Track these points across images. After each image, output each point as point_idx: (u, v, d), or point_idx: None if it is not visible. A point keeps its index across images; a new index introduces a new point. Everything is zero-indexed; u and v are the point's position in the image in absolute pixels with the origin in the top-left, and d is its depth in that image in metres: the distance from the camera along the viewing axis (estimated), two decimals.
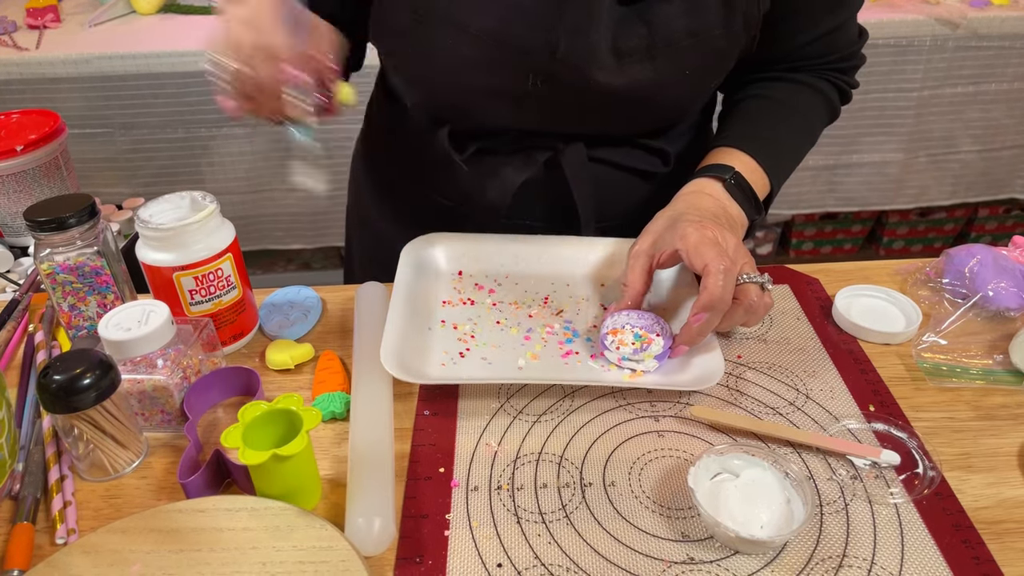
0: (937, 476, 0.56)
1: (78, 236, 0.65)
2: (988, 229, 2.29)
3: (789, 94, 0.78)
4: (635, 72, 0.68)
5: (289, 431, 0.54)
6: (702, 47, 0.68)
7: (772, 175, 0.75)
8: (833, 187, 2.05)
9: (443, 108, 0.76)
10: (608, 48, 0.66)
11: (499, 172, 0.77)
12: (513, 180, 0.77)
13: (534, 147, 0.76)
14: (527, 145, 0.76)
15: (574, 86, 0.69)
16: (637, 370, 0.64)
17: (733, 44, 0.70)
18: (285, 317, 0.73)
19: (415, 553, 0.51)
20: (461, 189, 0.79)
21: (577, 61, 0.67)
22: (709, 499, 0.52)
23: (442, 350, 0.67)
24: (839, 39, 0.77)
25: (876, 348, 0.69)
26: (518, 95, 0.70)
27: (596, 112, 0.73)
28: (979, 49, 1.84)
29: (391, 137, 0.86)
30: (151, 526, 0.51)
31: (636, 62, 0.67)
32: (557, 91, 0.69)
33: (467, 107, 0.74)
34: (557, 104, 0.71)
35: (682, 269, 0.75)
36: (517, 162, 0.77)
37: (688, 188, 0.72)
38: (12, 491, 0.56)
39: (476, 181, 0.78)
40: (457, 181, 0.79)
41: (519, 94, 0.70)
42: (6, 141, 1.02)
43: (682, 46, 0.67)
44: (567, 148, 0.76)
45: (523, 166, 0.77)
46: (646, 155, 0.79)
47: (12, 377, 0.69)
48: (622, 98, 0.70)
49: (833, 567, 0.50)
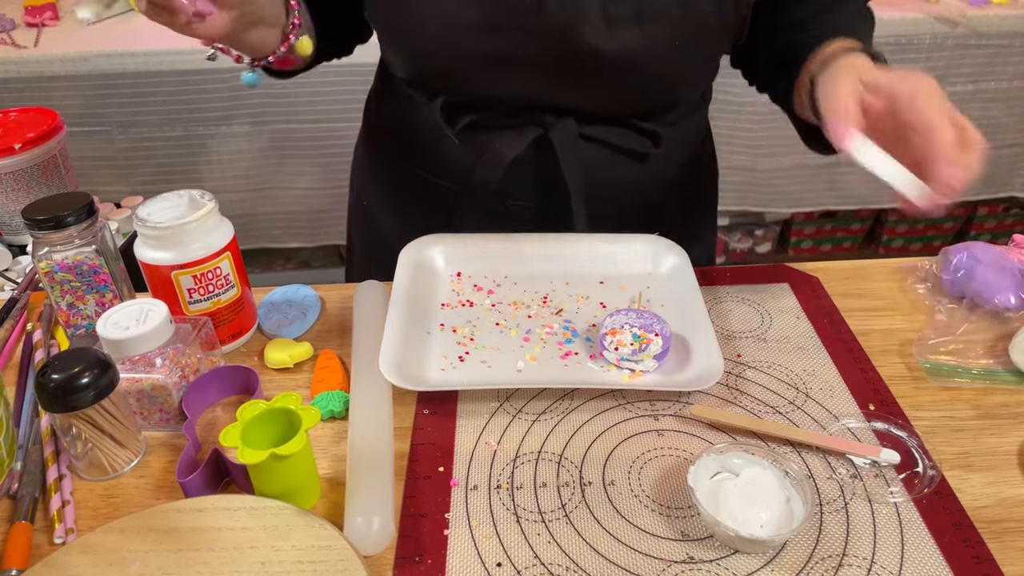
0: (937, 475, 0.56)
1: (76, 235, 0.65)
2: (988, 227, 2.29)
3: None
4: (624, 37, 0.67)
5: (288, 430, 0.54)
6: (691, 19, 0.68)
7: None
8: (833, 185, 2.05)
9: (434, 78, 0.76)
10: (598, 12, 0.66)
11: (491, 147, 0.77)
12: (505, 155, 0.77)
13: (525, 123, 0.76)
14: (518, 120, 0.76)
15: (563, 49, 0.68)
16: (636, 370, 0.64)
17: (723, 22, 0.70)
18: (284, 316, 0.73)
19: (414, 552, 0.51)
20: (455, 166, 0.79)
21: (566, 20, 0.66)
22: (709, 498, 0.52)
23: (441, 354, 0.67)
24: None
25: (876, 347, 0.69)
26: (507, 61, 0.70)
27: (587, 81, 0.72)
28: (979, 47, 1.84)
29: (388, 123, 0.86)
30: (149, 525, 0.51)
31: (625, 27, 0.67)
32: (547, 55, 0.69)
33: (457, 76, 0.74)
34: (547, 71, 0.70)
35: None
36: (508, 138, 0.77)
37: (840, 61, 0.63)
38: (10, 490, 0.56)
39: (468, 157, 0.78)
40: (451, 158, 0.79)
41: (508, 60, 0.70)
42: (4, 139, 1.02)
43: (672, 15, 0.67)
44: (557, 123, 0.75)
45: (514, 142, 0.76)
46: (637, 136, 0.79)
47: (10, 376, 0.69)
48: (611, 65, 0.70)
49: (833, 566, 0.50)
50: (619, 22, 0.67)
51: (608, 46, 0.67)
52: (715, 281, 0.78)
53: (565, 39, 0.67)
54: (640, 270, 0.77)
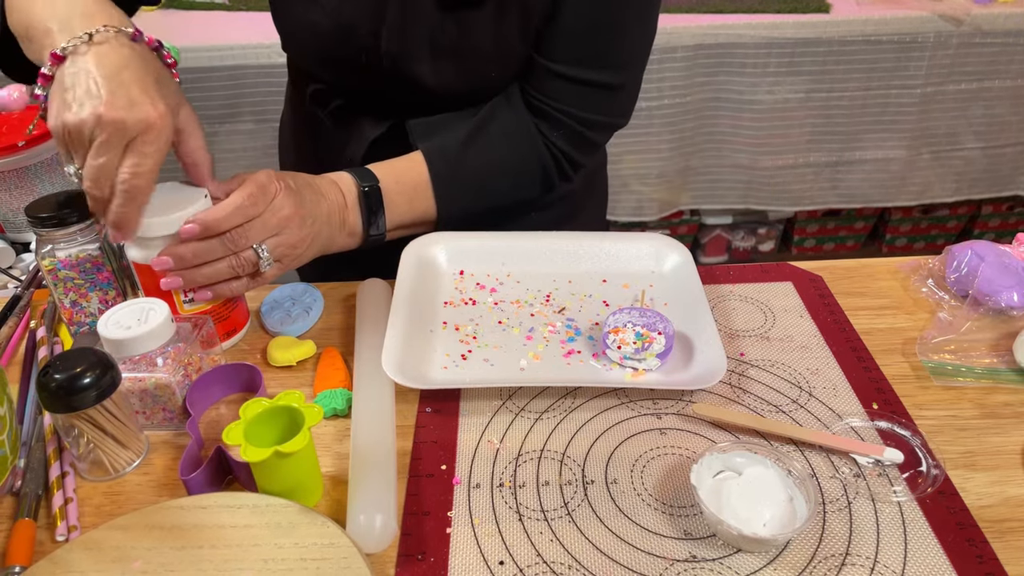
0: (940, 474, 0.55)
1: (79, 232, 0.65)
2: (992, 226, 2.28)
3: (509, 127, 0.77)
4: (447, 72, 0.74)
5: (291, 428, 0.54)
6: (504, 53, 0.74)
7: (441, 200, 0.76)
8: (836, 184, 2.04)
9: (306, 63, 0.82)
10: (427, 45, 0.72)
11: (356, 128, 0.82)
12: (367, 135, 0.81)
13: (385, 110, 0.80)
14: (379, 106, 0.80)
15: (393, 77, 0.74)
16: (639, 369, 0.64)
17: (527, 46, 0.74)
18: (287, 314, 0.73)
19: (417, 550, 0.51)
20: (330, 146, 0.85)
21: (397, 52, 0.73)
22: (712, 497, 0.52)
23: (444, 352, 0.67)
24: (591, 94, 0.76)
25: (880, 346, 0.69)
26: (359, 66, 0.75)
27: (421, 98, 0.77)
28: (983, 46, 1.83)
29: (288, 109, 0.93)
30: (153, 523, 0.51)
31: (447, 62, 0.73)
32: (386, 73, 0.74)
33: (323, 71, 0.81)
34: (389, 84, 0.76)
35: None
36: (370, 120, 0.81)
37: (328, 176, 0.73)
38: (14, 487, 0.56)
39: (338, 136, 0.84)
40: (326, 138, 0.85)
41: (359, 66, 0.75)
42: (8, 136, 1.02)
43: (488, 52, 0.73)
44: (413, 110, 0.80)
45: (375, 124, 0.81)
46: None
47: (14, 373, 0.69)
48: (436, 94, 0.76)
49: (836, 565, 0.50)
50: (443, 56, 0.73)
51: (429, 80, 0.74)
52: (718, 280, 0.78)
53: (395, 69, 0.74)
54: (643, 268, 0.77)
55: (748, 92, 1.87)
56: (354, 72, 0.76)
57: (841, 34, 1.79)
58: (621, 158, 1.94)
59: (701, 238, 2.30)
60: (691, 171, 2.02)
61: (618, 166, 1.94)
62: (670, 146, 1.93)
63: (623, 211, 2.05)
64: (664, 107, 1.86)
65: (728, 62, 1.83)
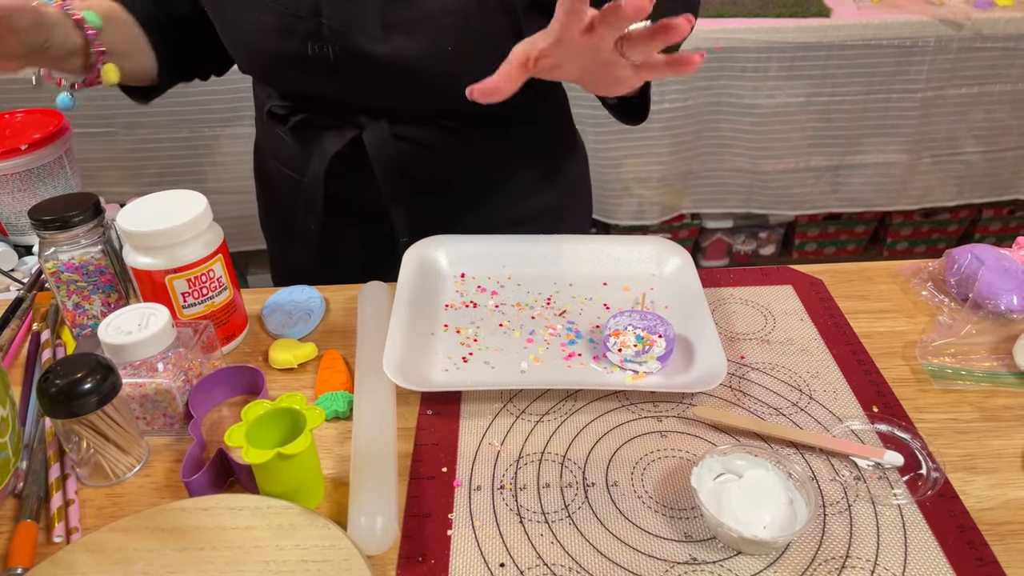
0: (941, 477, 0.56)
1: (82, 235, 0.65)
2: (992, 230, 2.28)
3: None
4: (398, 44, 0.70)
5: (292, 430, 0.54)
6: (460, 25, 0.70)
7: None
8: (836, 188, 2.05)
9: (256, 72, 0.81)
10: (376, 19, 0.70)
11: (316, 144, 0.82)
12: (328, 150, 0.81)
13: (344, 123, 0.80)
14: (338, 120, 0.80)
15: (342, 53, 0.71)
16: (640, 371, 0.64)
17: (492, 24, 0.70)
18: (288, 316, 0.73)
19: (418, 552, 0.51)
20: (295, 159, 0.85)
21: (342, 27, 0.70)
22: (712, 499, 0.52)
23: (445, 355, 0.67)
24: None
25: (880, 349, 0.69)
26: (304, 61, 0.72)
27: (378, 84, 0.75)
28: (983, 50, 1.84)
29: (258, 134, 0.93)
30: (154, 524, 0.51)
31: (399, 34, 0.70)
32: (336, 58, 0.72)
33: (272, 74, 0.80)
34: (338, 73, 0.73)
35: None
36: (331, 135, 0.80)
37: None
38: (16, 489, 0.56)
39: (302, 151, 0.83)
40: (289, 156, 0.85)
41: (305, 60, 0.72)
42: (10, 140, 1.02)
43: (442, 23, 0.70)
44: (371, 124, 0.79)
45: (336, 139, 0.80)
46: (446, 134, 0.80)
47: (16, 375, 0.69)
48: (388, 70, 0.72)
49: (836, 568, 0.50)
50: (393, 30, 0.70)
51: (381, 51, 0.71)
52: (719, 283, 0.78)
53: (342, 44, 0.71)
54: (644, 271, 0.77)
55: (749, 96, 1.87)
56: (307, 71, 0.74)
57: (842, 38, 1.79)
58: (622, 162, 1.94)
59: (702, 242, 2.30)
60: (692, 175, 2.03)
61: (619, 170, 1.94)
62: (671, 150, 1.94)
63: (624, 215, 2.05)
64: (665, 111, 1.86)
65: (729, 66, 1.83)
